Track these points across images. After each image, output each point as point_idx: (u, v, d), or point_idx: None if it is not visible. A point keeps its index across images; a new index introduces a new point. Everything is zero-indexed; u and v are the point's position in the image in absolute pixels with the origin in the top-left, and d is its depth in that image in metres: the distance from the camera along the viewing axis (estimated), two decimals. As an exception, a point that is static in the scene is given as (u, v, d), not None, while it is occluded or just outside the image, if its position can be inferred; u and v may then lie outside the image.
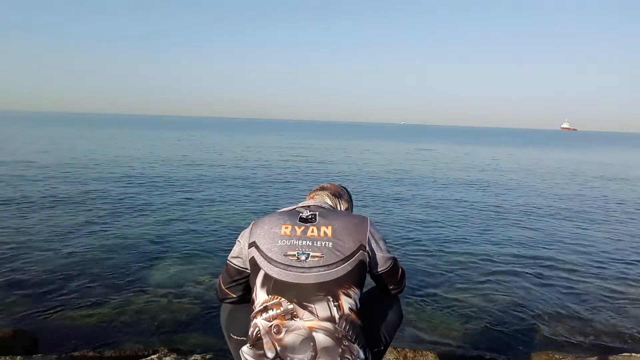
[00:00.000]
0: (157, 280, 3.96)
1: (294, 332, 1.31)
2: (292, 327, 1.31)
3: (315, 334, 1.30)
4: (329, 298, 1.33)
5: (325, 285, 1.34)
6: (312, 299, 1.33)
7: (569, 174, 14.97)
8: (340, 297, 1.34)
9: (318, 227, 1.43)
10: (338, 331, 1.31)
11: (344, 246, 1.40)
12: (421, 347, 2.84)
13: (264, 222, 1.49)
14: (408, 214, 7.34)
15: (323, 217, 1.47)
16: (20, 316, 3.16)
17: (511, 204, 8.71)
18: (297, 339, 1.30)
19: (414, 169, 15.04)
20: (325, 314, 1.32)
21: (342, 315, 1.33)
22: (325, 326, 1.31)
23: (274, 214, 1.53)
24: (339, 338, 1.31)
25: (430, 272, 4.43)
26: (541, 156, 24.74)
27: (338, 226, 1.44)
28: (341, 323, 1.32)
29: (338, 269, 1.36)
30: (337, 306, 1.33)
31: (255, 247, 1.44)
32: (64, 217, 6.17)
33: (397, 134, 62.44)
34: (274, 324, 1.33)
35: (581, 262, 5.00)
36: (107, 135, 30.74)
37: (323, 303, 1.32)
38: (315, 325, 1.31)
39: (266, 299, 1.36)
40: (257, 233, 1.46)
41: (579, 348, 3.05)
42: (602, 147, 42.24)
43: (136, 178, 10.21)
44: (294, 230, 1.42)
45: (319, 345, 1.30)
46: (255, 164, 14.80)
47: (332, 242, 1.40)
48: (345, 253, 1.39)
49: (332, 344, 1.30)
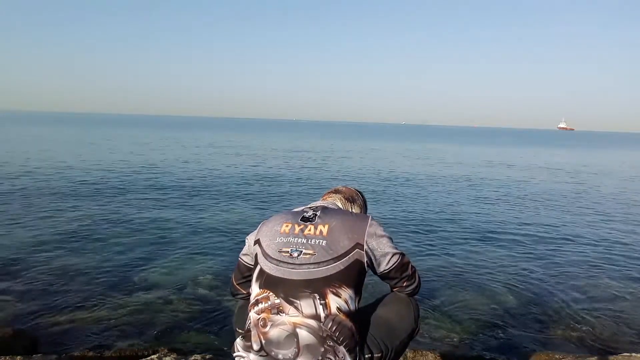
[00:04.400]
0: (157, 280, 3.96)
1: (279, 326, 1.31)
2: (277, 321, 1.32)
3: (299, 330, 1.30)
4: (315, 296, 1.32)
5: (312, 283, 1.33)
6: (298, 295, 1.32)
7: (568, 174, 14.97)
8: (327, 295, 1.33)
9: (316, 225, 1.43)
10: (322, 330, 1.30)
11: (338, 245, 1.39)
12: (421, 347, 2.84)
13: (270, 221, 1.53)
14: (408, 213, 7.35)
15: (323, 216, 1.47)
16: (20, 316, 3.16)
17: (512, 204, 8.71)
18: (281, 333, 1.31)
19: (419, 168, 15.03)
20: (310, 311, 1.31)
21: (329, 315, 1.31)
22: (309, 323, 1.30)
23: (282, 213, 1.55)
24: (323, 337, 1.30)
25: (430, 272, 4.43)
26: (543, 155, 24.76)
27: (335, 225, 1.43)
28: (327, 322, 1.30)
29: (328, 267, 1.35)
30: (324, 305, 1.32)
31: (259, 244, 1.47)
32: (63, 217, 6.17)
33: (402, 134, 62.45)
34: (261, 317, 1.34)
35: (581, 262, 5.00)
36: (107, 135, 30.73)
37: (309, 300, 1.32)
38: (300, 321, 1.31)
39: (258, 292, 1.39)
40: (262, 231, 1.50)
41: (579, 348, 3.05)
42: (602, 147, 42.24)
43: (136, 178, 10.21)
44: (293, 228, 1.44)
45: (302, 342, 1.29)
46: (255, 164, 14.80)
47: (327, 240, 1.39)
48: (338, 252, 1.37)
49: (314, 342, 1.29)
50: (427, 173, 13.74)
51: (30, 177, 9.58)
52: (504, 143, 45.09)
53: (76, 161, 13.11)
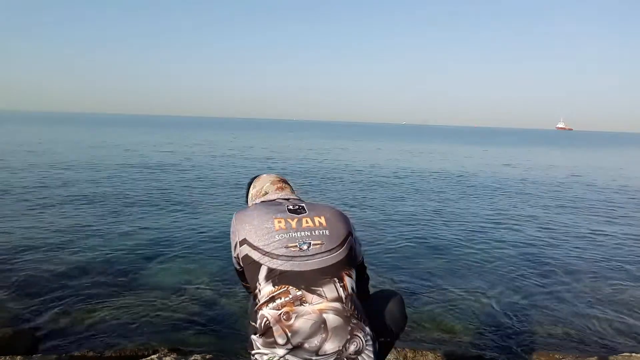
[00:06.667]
0: (157, 280, 3.97)
1: (304, 317, 1.34)
2: (301, 312, 1.34)
3: (326, 315, 1.34)
4: (335, 280, 1.40)
5: (330, 269, 1.41)
6: (319, 283, 1.38)
7: (568, 173, 14.97)
8: (344, 278, 1.42)
9: (311, 218, 1.50)
10: (346, 310, 1.37)
11: (338, 233, 1.49)
12: (421, 347, 2.84)
13: (251, 217, 1.51)
14: (408, 213, 7.34)
15: (311, 209, 1.55)
16: (20, 316, 3.16)
17: (512, 204, 8.71)
18: (307, 323, 1.33)
19: (416, 167, 15.02)
20: (333, 295, 1.37)
21: (348, 295, 1.39)
22: (334, 306, 1.36)
23: (257, 207, 1.57)
24: (348, 317, 1.36)
25: (430, 272, 4.43)
26: (546, 155, 24.76)
27: (329, 216, 1.53)
28: (347, 302, 1.38)
29: (337, 253, 1.44)
30: (343, 286, 1.40)
31: (248, 245, 1.46)
32: (63, 217, 6.17)
33: (406, 134, 62.46)
34: (282, 311, 1.35)
35: (582, 262, 5.00)
36: (107, 135, 30.73)
37: (330, 285, 1.38)
38: (325, 306, 1.35)
39: (272, 290, 1.39)
40: (246, 229, 1.49)
41: (579, 348, 3.05)
42: (600, 147, 42.24)
43: (136, 178, 10.22)
44: (288, 223, 1.47)
45: (330, 325, 1.34)
46: (256, 163, 14.81)
47: (327, 230, 1.48)
48: (340, 239, 1.48)
49: (341, 323, 1.35)
50: (429, 172, 13.74)
51: (30, 177, 9.58)
52: (504, 143, 45.08)
53: (76, 161, 13.11)
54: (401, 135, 56.67)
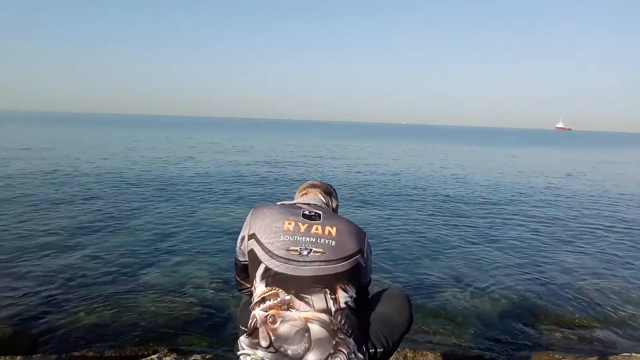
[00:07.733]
0: (157, 280, 3.96)
1: (289, 322, 1.33)
2: (287, 317, 1.33)
3: (311, 325, 1.32)
4: (326, 291, 1.37)
5: (324, 279, 1.38)
6: (309, 291, 1.36)
7: (568, 174, 14.97)
8: (337, 291, 1.38)
9: (323, 226, 1.47)
10: (333, 323, 1.34)
11: (346, 247, 1.45)
12: (421, 347, 2.84)
13: (265, 215, 1.51)
14: (409, 213, 7.35)
15: (328, 218, 1.52)
16: (20, 316, 3.16)
17: (512, 204, 8.70)
18: (291, 329, 1.32)
19: (414, 167, 15.02)
20: (321, 306, 1.35)
21: (339, 309, 1.36)
22: (320, 317, 1.33)
23: (274, 207, 1.56)
24: (334, 330, 1.33)
25: (430, 272, 4.44)
26: (547, 155, 24.76)
27: (342, 228, 1.49)
28: (337, 316, 1.35)
29: (337, 265, 1.41)
30: (334, 299, 1.37)
31: (256, 240, 1.46)
32: (63, 217, 6.17)
33: (407, 134, 62.45)
34: (269, 314, 1.35)
35: (582, 262, 5.00)
36: (107, 135, 30.73)
37: (320, 295, 1.36)
38: (311, 316, 1.33)
39: (264, 290, 1.39)
40: (258, 225, 1.49)
41: (579, 348, 3.05)
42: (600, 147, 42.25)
43: (135, 178, 10.21)
44: (297, 227, 1.46)
45: (314, 336, 1.32)
46: (256, 163, 14.79)
47: (335, 241, 1.44)
48: (346, 253, 1.44)
49: (326, 336, 1.32)
50: (428, 172, 13.74)
51: (30, 176, 9.58)
52: (505, 143, 45.06)
53: (76, 161, 13.11)
54: (401, 135, 56.67)
